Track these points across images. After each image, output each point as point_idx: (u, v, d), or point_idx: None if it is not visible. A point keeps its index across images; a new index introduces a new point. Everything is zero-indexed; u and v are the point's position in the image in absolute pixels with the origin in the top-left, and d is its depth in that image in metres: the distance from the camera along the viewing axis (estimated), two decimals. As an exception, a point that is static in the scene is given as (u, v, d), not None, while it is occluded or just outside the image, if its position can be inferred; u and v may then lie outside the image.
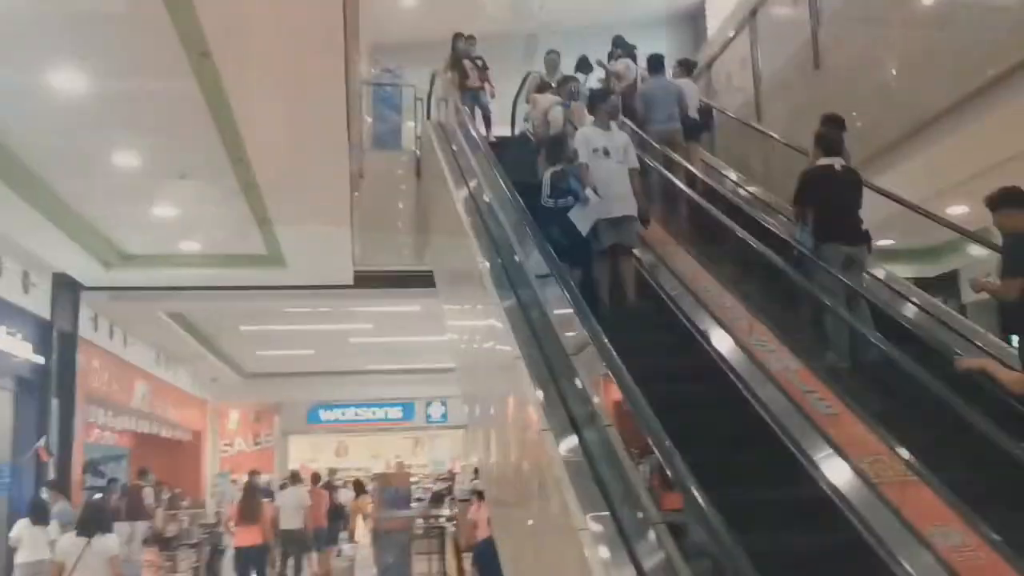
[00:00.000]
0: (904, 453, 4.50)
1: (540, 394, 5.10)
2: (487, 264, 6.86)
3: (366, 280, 12.50)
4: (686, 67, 11.15)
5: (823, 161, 6.63)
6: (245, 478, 20.81)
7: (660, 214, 8.21)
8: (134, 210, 9.50)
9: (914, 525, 4.01)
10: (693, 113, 10.18)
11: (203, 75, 6.16)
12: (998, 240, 5.52)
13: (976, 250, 11.09)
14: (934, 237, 11.67)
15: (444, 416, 24.14)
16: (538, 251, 5.97)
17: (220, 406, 23.03)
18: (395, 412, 24.08)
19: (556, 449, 4.58)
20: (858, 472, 4.35)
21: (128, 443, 16.85)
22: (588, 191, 6.70)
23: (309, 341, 17.99)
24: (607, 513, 4.09)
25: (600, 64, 11.78)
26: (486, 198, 8.11)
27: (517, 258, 6.69)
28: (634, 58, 11.68)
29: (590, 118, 7.49)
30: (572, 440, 4.66)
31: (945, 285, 12.11)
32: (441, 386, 23.02)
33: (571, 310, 5.22)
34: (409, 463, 25.33)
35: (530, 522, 5.08)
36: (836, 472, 4.43)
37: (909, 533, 3.96)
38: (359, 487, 14.70)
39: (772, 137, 9.24)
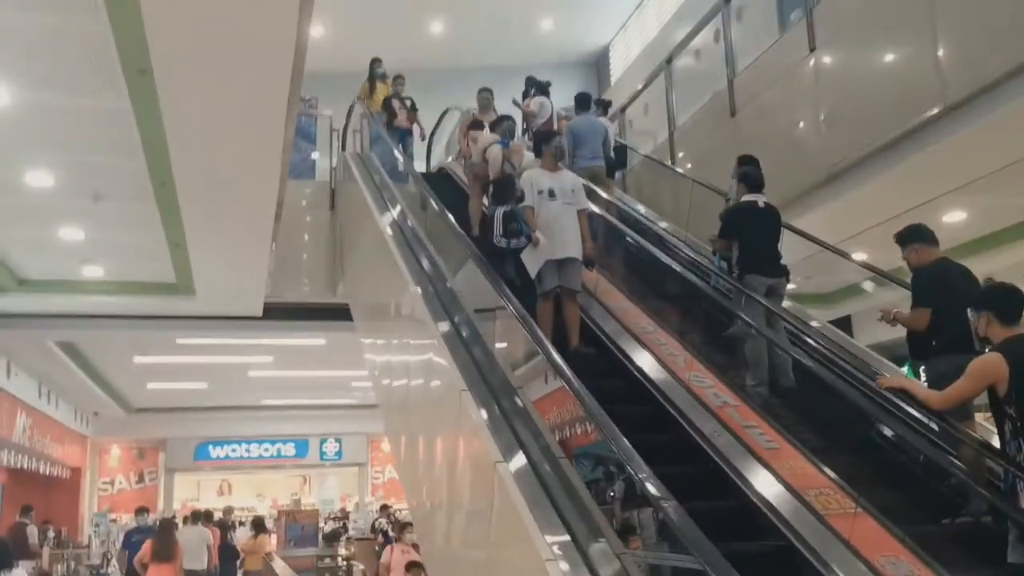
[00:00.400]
0: (846, 485, 4.68)
1: (489, 424, 5.09)
2: (420, 294, 6.81)
3: (275, 312, 12.22)
4: (603, 106, 11.46)
5: (747, 197, 6.95)
6: (126, 518, 19.95)
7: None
8: (38, 233, 9.04)
9: (865, 556, 4.16)
10: (610, 151, 10.46)
11: (138, 92, 5.94)
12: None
13: (867, 298, 11.76)
14: (831, 284, 12.28)
15: (339, 453, 23.64)
16: (486, 280, 5.97)
17: (101, 441, 21.96)
18: (288, 449, 23.43)
19: (512, 480, 4.56)
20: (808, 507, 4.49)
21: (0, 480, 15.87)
22: (537, 233, 6.64)
23: (205, 374, 17.40)
24: (567, 538, 4.10)
25: (515, 103, 11.94)
26: (413, 224, 8.10)
27: (450, 286, 6.72)
28: (548, 95, 11.89)
29: (530, 155, 7.54)
30: (527, 470, 4.66)
31: (840, 328, 12.66)
32: (337, 423, 22.68)
33: (520, 334, 5.25)
34: (292, 501, 24.68)
35: (483, 558, 5.01)
36: (790, 512, 4.53)
37: (863, 565, 4.10)
38: (258, 525, 14.17)
39: (694, 180, 9.49)
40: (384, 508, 16.09)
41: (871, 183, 8.05)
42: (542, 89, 12.03)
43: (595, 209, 8.48)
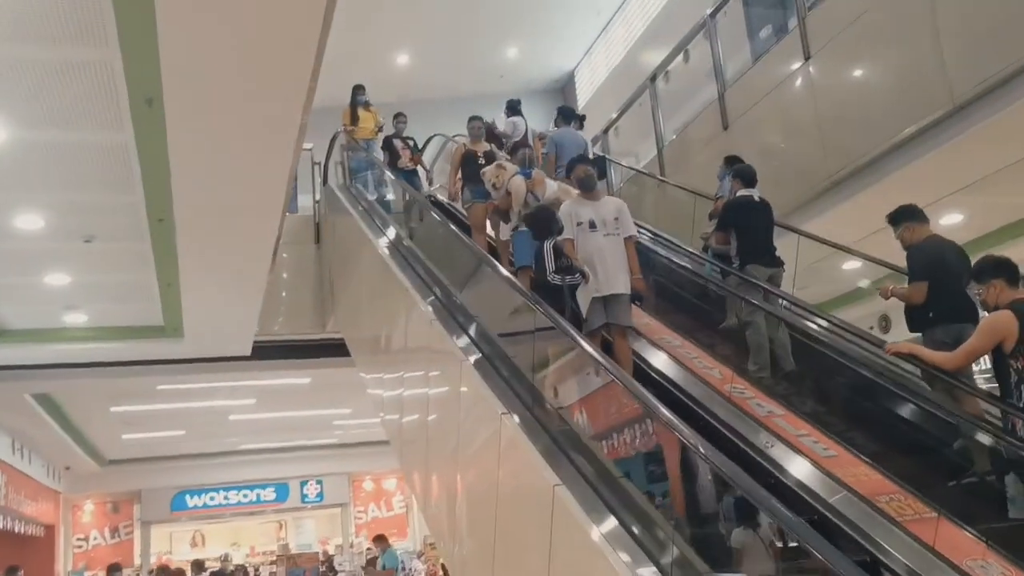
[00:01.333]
0: (915, 490, 4.56)
1: (537, 446, 4.89)
2: (437, 319, 6.63)
3: (262, 351, 11.92)
4: (579, 121, 11.48)
5: (743, 192, 7.28)
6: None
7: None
8: (22, 280, 8.69)
9: (955, 562, 4.02)
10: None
11: (143, 124, 5.72)
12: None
13: (861, 304, 11.76)
14: (826, 293, 12.29)
15: (320, 495, 23.09)
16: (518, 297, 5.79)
17: (74, 498, 21.22)
18: (268, 493, 22.77)
19: (575, 503, 4.38)
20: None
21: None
22: (586, 268, 6.15)
23: (183, 421, 16.91)
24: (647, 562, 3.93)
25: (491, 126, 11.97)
26: (418, 252, 7.92)
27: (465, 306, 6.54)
28: (520, 113, 11.89)
29: (552, 184, 7.14)
30: (590, 494, 4.47)
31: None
32: (318, 463, 22.26)
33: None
34: (269, 549, 24.02)
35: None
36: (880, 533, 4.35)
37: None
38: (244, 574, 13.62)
39: (695, 193, 9.42)
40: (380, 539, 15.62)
41: (872, 189, 8.02)
42: (513, 109, 12.09)
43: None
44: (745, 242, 6.98)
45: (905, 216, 5.82)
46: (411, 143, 11.26)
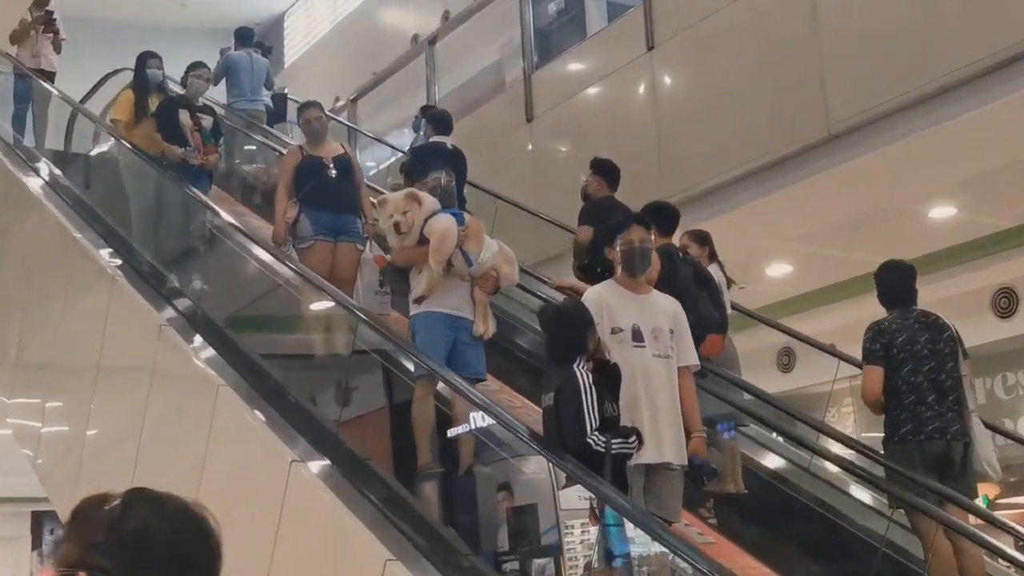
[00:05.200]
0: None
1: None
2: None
3: None
4: (263, 49, 10.27)
5: (436, 138, 6.84)
6: None
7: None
8: None
9: None
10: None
11: None
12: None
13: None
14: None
15: None
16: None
17: None
18: None
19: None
20: None
21: None
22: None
23: None
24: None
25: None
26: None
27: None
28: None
29: (492, 245, 4.58)
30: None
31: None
32: None
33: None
34: None
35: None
36: None
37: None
38: None
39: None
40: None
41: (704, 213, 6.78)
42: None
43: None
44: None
45: (603, 171, 6.01)
46: (208, 123, 6.68)
